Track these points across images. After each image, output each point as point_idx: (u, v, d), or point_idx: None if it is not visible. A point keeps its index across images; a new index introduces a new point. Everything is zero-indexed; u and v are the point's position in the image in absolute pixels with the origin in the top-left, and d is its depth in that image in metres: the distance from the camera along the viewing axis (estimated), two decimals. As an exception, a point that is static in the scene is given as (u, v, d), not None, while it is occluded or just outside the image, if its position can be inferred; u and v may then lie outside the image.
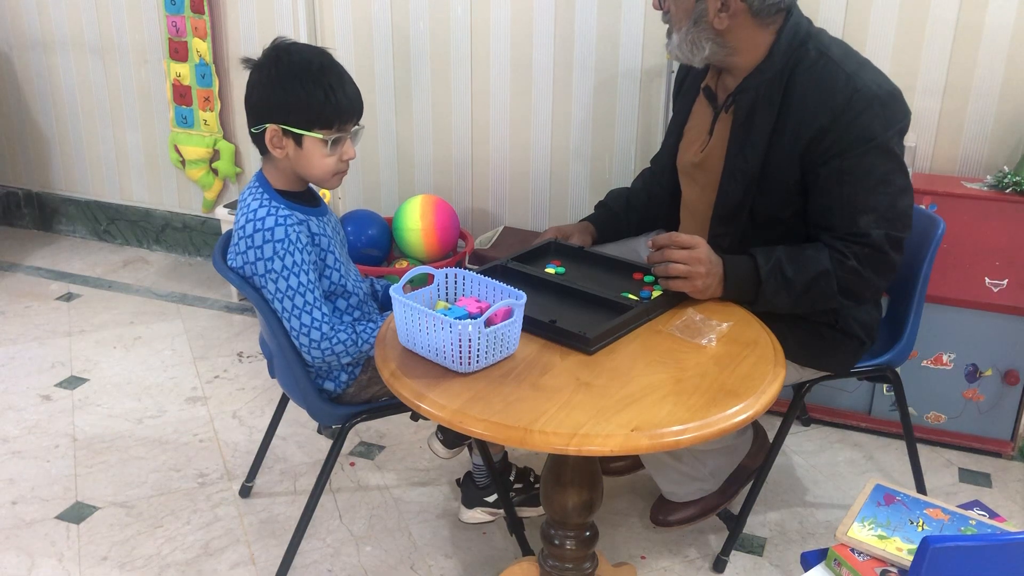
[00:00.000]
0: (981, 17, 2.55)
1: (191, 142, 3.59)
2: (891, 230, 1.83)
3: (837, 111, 1.81)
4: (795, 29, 1.89)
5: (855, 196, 1.83)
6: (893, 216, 1.84)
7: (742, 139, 1.93)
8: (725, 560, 2.18)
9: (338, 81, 1.86)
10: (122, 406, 2.81)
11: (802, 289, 1.84)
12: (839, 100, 1.82)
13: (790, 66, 1.88)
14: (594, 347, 1.65)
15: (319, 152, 1.87)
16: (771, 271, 1.83)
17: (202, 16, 3.39)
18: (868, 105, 1.81)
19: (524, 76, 3.09)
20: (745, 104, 1.92)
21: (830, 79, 1.84)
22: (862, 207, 1.82)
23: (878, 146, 1.82)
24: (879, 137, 1.82)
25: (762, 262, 1.84)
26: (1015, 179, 2.46)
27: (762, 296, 1.84)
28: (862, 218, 1.82)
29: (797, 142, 1.86)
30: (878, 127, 1.82)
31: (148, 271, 3.78)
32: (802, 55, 1.88)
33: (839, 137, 1.82)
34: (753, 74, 1.91)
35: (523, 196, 3.25)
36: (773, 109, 1.89)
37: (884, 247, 1.83)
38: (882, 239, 1.82)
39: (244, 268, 1.91)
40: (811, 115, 1.84)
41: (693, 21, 1.89)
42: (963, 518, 1.60)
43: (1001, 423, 2.55)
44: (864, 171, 1.82)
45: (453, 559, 2.21)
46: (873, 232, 1.82)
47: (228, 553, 2.22)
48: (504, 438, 1.45)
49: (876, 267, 1.85)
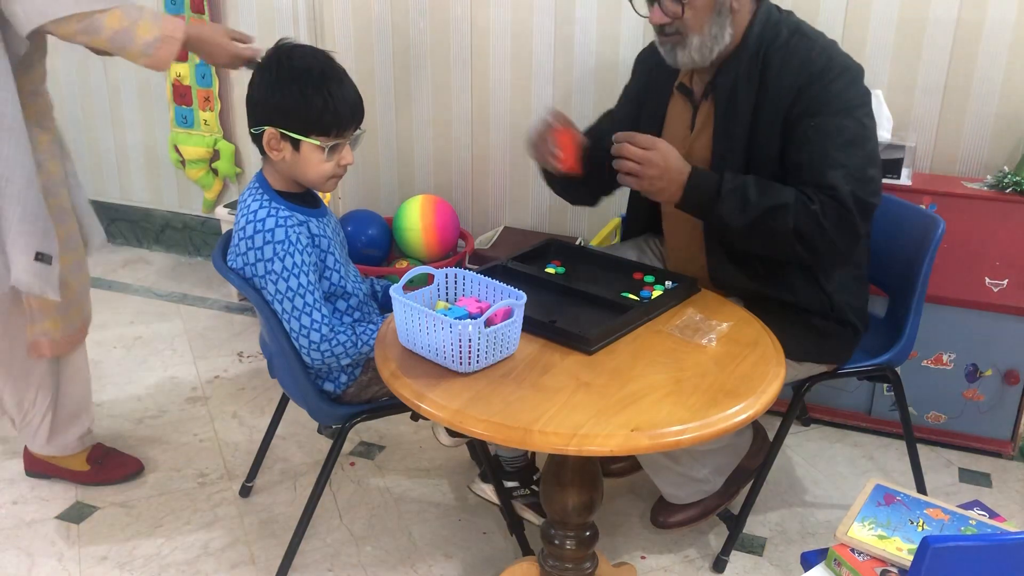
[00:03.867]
0: (981, 17, 2.55)
1: (191, 142, 3.59)
2: (858, 191, 1.85)
3: (814, 74, 1.88)
4: (767, 15, 1.96)
5: (826, 151, 1.86)
6: (862, 178, 1.87)
7: (727, 120, 1.96)
8: (725, 560, 2.18)
9: (338, 87, 1.85)
10: (122, 406, 2.81)
11: (758, 214, 1.84)
12: (816, 66, 1.89)
13: (764, 46, 1.93)
14: (594, 347, 1.66)
15: (316, 158, 1.87)
16: (733, 189, 1.85)
17: (202, 16, 3.39)
18: (842, 73, 1.90)
19: (524, 76, 3.09)
20: (726, 86, 1.96)
21: (805, 49, 1.92)
22: (832, 162, 1.85)
23: (851, 112, 1.88)
24: (852, 104, 1.89)
25: (728, 178, 1.87)
26: (1015, 179, 2.46)
27: (717, 210, 1.86)
28: (831, 172, 1.85)
29: (778, 112, 1.91)
30: (851, 95, 1.90)
31: (148, 271, 3.78)
32: (775, 35, 1.94)
33: (815, 97, 1.88)
34: (730, 59, 1.96)
35: (523, 196, 3.25)
36: (752, 87, 1.93)
37: (849, 204, 1.84)
38: (848, 196, 1.84)
39: (244, 269, 1.91)
40: (790, 82, 1.90)
41: (716, 13, 1.91)
42: (963, 518, 1.60)
43: (1001, 423, 2.55)
44: (836, 129, 1.87)
45: (453, 559, 2.21)
46: (840, 187, 1.84)
47: (228, 553, 2.22)
48: (504, 438, 1.46)
49: (838, 222, 1.85)
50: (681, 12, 1.90)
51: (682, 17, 1.91)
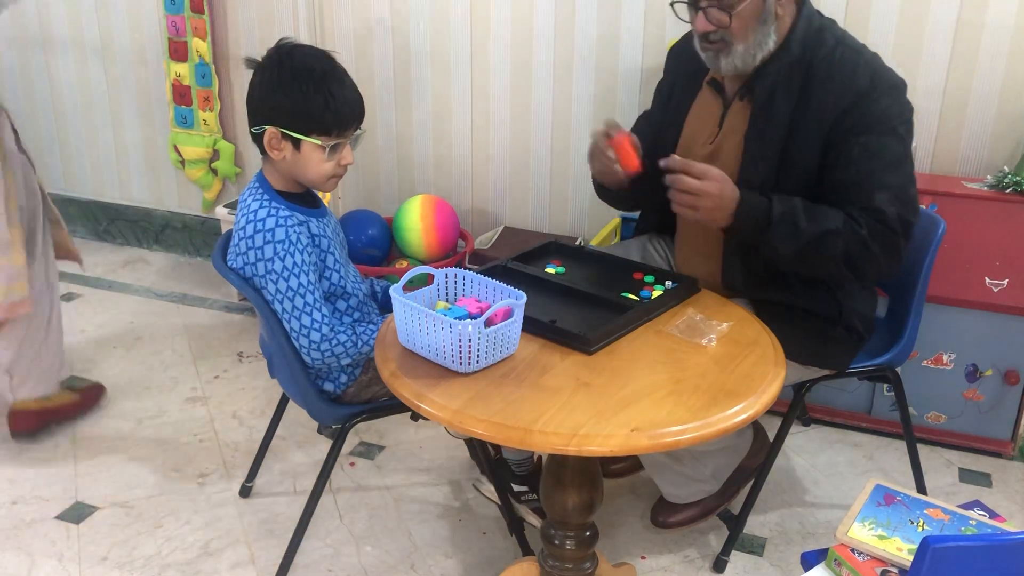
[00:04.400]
0: (981, 17, 2.55)
1: (191, 142, 3.58)
2: (903, 212, 1.86)
3: (862, 92, 1.86)
4: (810, 19, 1.94)
5: (873, 172, 1.86)
6: (905, 199, 1.88)
7: (762, 124, 1.95)
8: (725, 560, 2.18)
9: (339, 87, 1.85)
10: (122, 406, 2.81)
11: (808, 241, 1.84)
12: (862, 82, 1.87)
13: (808, 53, 1.91)
14: (594, 347, 1.66)
15: (317, 157, 1.87)
16: (784, 215, 1.84)
17: (202, 16, 3.39)
18: (888, 90, 1.88)
19: (524, 76, 3.09)
20: (764, 90, 1.94)
21: (852, 64, 1.89)
22: (879, 183, 1.86)
23: (894, 130, 1.88)
24: (895, 122, 1.88)
25: (776, 206, 1.85)
26: (1015, 179, 2.46)
27: (767, 237, 1.85)
28: (878, 194, 1.85)
29: (821, 124, 1.89)
30: (895, 113, 1.89)
31: (148, 271, 3.78)
32: (819, 42, 1.92)
33: (862, 116, 1.86)
34: (771, 61, 1.93)
35: (523, 196, 3.25)
36: (793, 94, 1.92)
37: (896, 227, 1.85)
38: (894, 218, 1.85)
39: (244, 269, 1.91)
40: (835, 96, 1.88)
41: (762, 21, 1.89)
42: (963, 518, 1.60)
43: (1001, 423, 2.55)
44: (882, 149, 1.86)
45: (453, 559, 2.21)
46: (888, 209, 1.84)
47: (228, 553, 2.22)
48: (504, 438, 1.45)
49: (884, 244, 1.86)
50: (728, 21, 1.87)
51: (728, 26, 1.88)
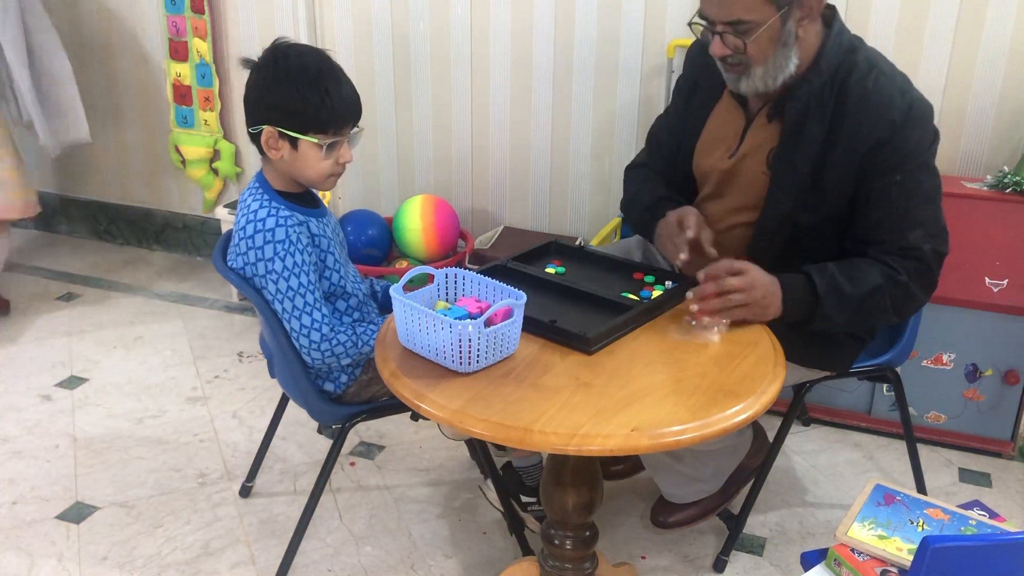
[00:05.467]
0: (981, 17, 2.55)
1: (191, 142, 3.59)
2: (937, 246, 1.85)
3: (897, 125, 1.80)
4: (840, 37, 1.87)
5: (907, 210, 1.83)
6: (937, 231, 1.86)
7: (792, 149, 1.88)
8: (725, 560, 2.18)
9: (335, 85, 1.85)
10: (122, 406, 2.81)
11: (857, 305, 1.82)
12: (898, 114, 1.81)
13: (840, 75, 1.85)
14: (594, 347, 1.66)
15: (314, 156, 1.87)
16: (828, 288, 1.80)
17: (202, 16, 3.39)
18: (920, 120, 1.83)
19: (524, 76, 3.09)
20: (795, 112, 1.87)
21: (887, 92, 1.82)
22: (913, 221, 1.83)
23: (925, 162, 1.85)
24: (927, 155, 1.85)
25: (817, 279, 1.81)
26: (1015, 179, 2.46)
27: (821, 313, 1.81)
28: (912, 233, 1.83)
29: (853, 154, 1.83)
30: (926, 145, 1.85)
31: (148, 271, 3.78)
32: (852, 65, 1.85)
33: (896, 151, 1.81)
34: (801, 82, 1.87)
35: (523, 196, 3.25)
36: (825, 119, 1.85)
37: (931, 263, 1.84)
38: (929, 254, 1.84)
39: (244, 269, 1.91)
40: (869, 127, 1.81)
41: (782, 44, 1.82)
42: (963, 518, 1.60)
43: (1001, 423, 2.55)
44: (916, 186, 1.83)
45: (453, 559, 2.21)
46: (923, 246, 1.83)
47: (228, 553, 2.22)
48: (504, 438, 1.45)
49: (923, 283, 1.85)
50: (744, 47, 1.82)
51: (744, 51, 1.83)
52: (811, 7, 1.82)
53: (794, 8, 1.80)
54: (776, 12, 1.78)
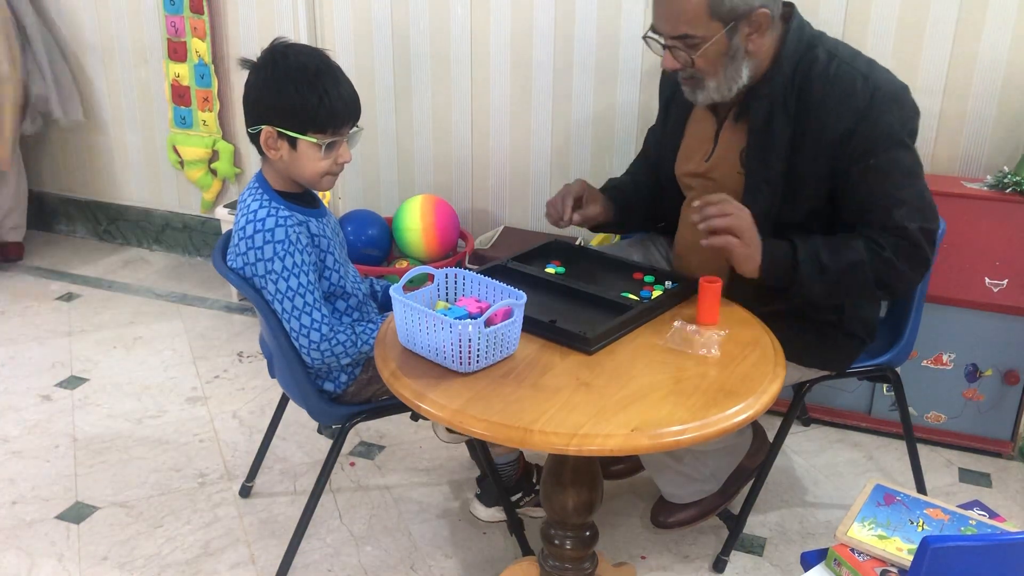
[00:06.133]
0: (981, 17, 2.54)
1: (190, 143, 3.58)
2: (924, 222, 1.85)
3: (861, 112, 1.82)
4: (799, 33, 1.89)
5: (887, 191, 1.84)
6: (923, 207, 1.86)
7: (762, 148, 1.90)
8: (725, 560, 2.18)
9: (334, 85, 1.85)
10: (122, 406, 2.81)
11: (837, 276, 1.83)
12: (861, 102, 1.82)
13: (801, 70, 1.87)
14: (594, 347, 1.66)
15: (313, 155, 1.87)
16: (808, 255, 1.83)
17: (201, 16, 3.39)
18: (888, 104, 1.83)
19: (524, 76, 3.09)
20: (759, 112, 1.89)
21: (848, 81, 1.83)
22: (895, 201, 1.83)
23: (902, 142, 1.85)
24: (901, 134, 1.85)
25: (800, 245, 1.84)
26: (1015, 179, 2.46)
27: (799, 280, 1.83)
28: (896, 211, 1.83)
29: (823, 146, 1.85)
30: (899, 125, 1.85)
31: (148, 271, 3.78)
32: (812, 59, 1.87)
33: (865, 137, 1.82)
34: (763, 82, 1.89)
35: (523, 196, 3.25)
36: (790, 115, 1.87)
37: (919, 240, 1.84)
38: (917, 232, 1.83)
39: (244, 269, 1.91)
40: (834, 118, 1.83)
41: (731, 58, 1.84)
42: (963, 518, 1.61)
43: (1001, 423, 2.55)
44: (893, 165, 1.84)
45: (453, 559, 2.21)
46: (909, 225, 1.83)
47: (228, 553, 2.22)
48: (504, 438, 1.46)
49: (911, 260, 1.85)
50: (692, 62, 1.85)
51: (694, 65, 1.85)
52: (759, 23, 1.83)
53: (741, 24, 1.82)
54: (722, 28, 1.81)
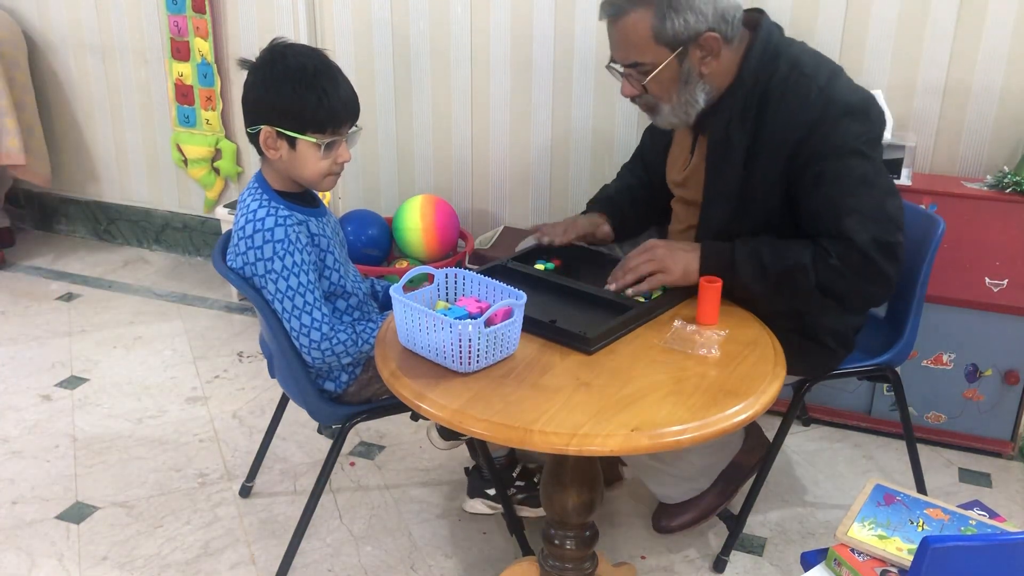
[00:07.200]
0: (981, 17, 2.55)
1: (193, 141, 3.59)
2: (879, 233, 1.79)
3: (812, 124, 1.81)
4: (764, 45, 1.88)
5: (836, 198, 1.81)
6: (881, 218, 1.81)
7: (720, 161, 1.92)
8: (725, 560, 2.18)
9: (332, 85, 1.85)
10: (122, 406, 2.81)
11: (777, 278, 1.82)
12: (813, 113, 1.81)
13: (762, 82, 1.86)
14: (594, 347, 1.66)
15: (313, 155, 1.87)
16: (748, 255, 1.83)
17: (203, 15, 3.39)
18: (841, 116, 1.81)
19: (524, 76, 3.09)
20: (720, 125, 1.90)
21: (803, 93, 1.83)
22: (844, 208, 1.80)
23: (855, 150, 1.82)
24: (857, 143, 1.82)
25: (739, 246, 1.84)
26: (1015, 179, 2.46)
27: (737, 280, 1.83)
28: (846, 220, 1.79)
29: (776, 159, 1.85)
30: (855, 134, 1.82)
31: (148, 271, 3.78)
32: (773, 70, 1.86)
33: (817, 144, 1.81)
34: (725, 95, 1.89)
35: (523, 196, 3.25)
36: (748, 128, 1.87)
37: (870, 252, 1.78)
38: (867, 243, 1.78)
39: (244, 269, 1.91)
40: (787, 130, 1.83)
41: (683, 83, 1.85)
42: (963, 518, 1.60)
43: (1001, 423, 2.55)
44: (844, 173, 1.81)
45: (453, 559, 2.21)
46: (857, 236, 1.78)
47: (228, 553, 2.22)
48: (504, 438, 1.46)
49: (861, 272, 1.80)
50: (644, 89, 1.88)
51: (648, 91, 1.88)
52: (710, 47, 1.83)
53: (691, 48, 1.83)
54: (670, 53, 1.82)
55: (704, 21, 1.81)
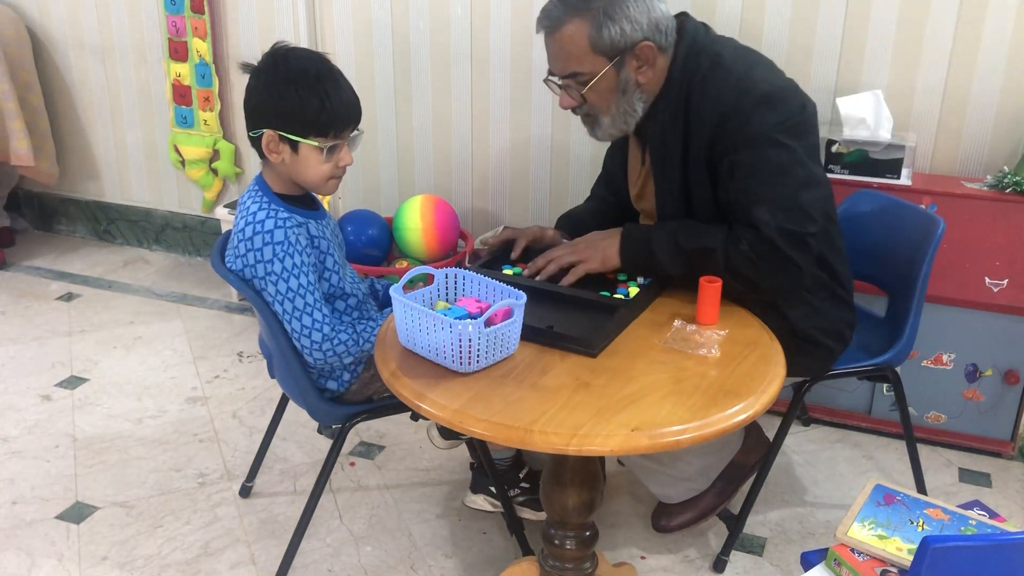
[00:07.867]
0: (981, 17, 2.54)
1: (191, 142, 3.58)
2: (787, 223, 1.80)
3: (727, 114, 1.83)
4: (688, 47, 1.90)
5: (748, 186, 1.83)
6: (792, 207, 1.81)
7: (662, 165, 1.95)
8: (725, 560, 2.18)
9: (335, 88, 1.85)
10: (122, 406, 2.81)
11: (689, 256, 1.85)
12: (727, 104, 1.83)
13: (687, 81, 1.88)
14: (598, 350, 1.65)
15: (315, 159, 1.87)
16: (664, 235, 1.87)
17: (202, 16, 3.39)
18: (756, 105, 1.82)
19: (524, 76, 3.09)
20: (656, 130, 1.93)
21: (720, 84, 1.85)
22: (755, 197, 1.82)
23: (771, 140, 1.82)
24: (771, 132, 1.82)
25: (658, 226, 1.90)
26: (1015, 179, 2.46)
27: (654, 258, 1.87)
28: (756, 208, 1.81)
29: (700, 150, 1.88)
30: (769, 124, 1.82)
31: (148, 271, 3.78)
32: (695, 67, 1.88)
33: (730, 136, 1.83)
34: (658, 100, 1.92)
35: (523, 196, 3.25)
36: (678, 128, 1.90)
37: (775, 240, 1.80)
38: (773, 231, 1.79)
39: (244, 271, 1.91)
40: (705, 123, 1.85)
41: (621, 92, 1.88)
42: (963, 518, 1.61)
43: (1001, 423, 2.55)
44: (758, 162, 1.82)
45: (453, 559, 2.21)
46: (764, 224, 1.80)
47: (228, 553, 2.22)
48: (504, 438, 1.46)
49: (770, 259, 1.82)
50: (583, 100, 1.89)
51: (586, 102, 1.90)
52: (646, 56, 1.85)
53: (628, 58, 1.85)
54: (608, 62, 1.84)
55: (639, 30, 1.83)
